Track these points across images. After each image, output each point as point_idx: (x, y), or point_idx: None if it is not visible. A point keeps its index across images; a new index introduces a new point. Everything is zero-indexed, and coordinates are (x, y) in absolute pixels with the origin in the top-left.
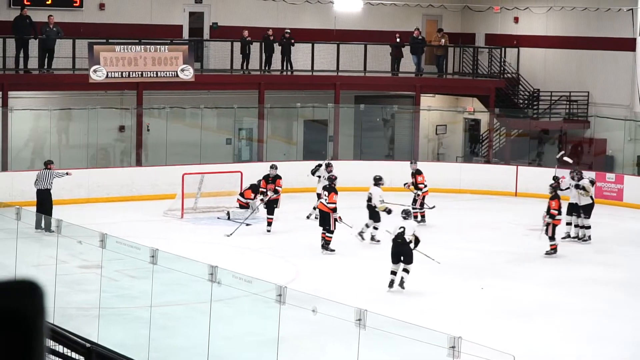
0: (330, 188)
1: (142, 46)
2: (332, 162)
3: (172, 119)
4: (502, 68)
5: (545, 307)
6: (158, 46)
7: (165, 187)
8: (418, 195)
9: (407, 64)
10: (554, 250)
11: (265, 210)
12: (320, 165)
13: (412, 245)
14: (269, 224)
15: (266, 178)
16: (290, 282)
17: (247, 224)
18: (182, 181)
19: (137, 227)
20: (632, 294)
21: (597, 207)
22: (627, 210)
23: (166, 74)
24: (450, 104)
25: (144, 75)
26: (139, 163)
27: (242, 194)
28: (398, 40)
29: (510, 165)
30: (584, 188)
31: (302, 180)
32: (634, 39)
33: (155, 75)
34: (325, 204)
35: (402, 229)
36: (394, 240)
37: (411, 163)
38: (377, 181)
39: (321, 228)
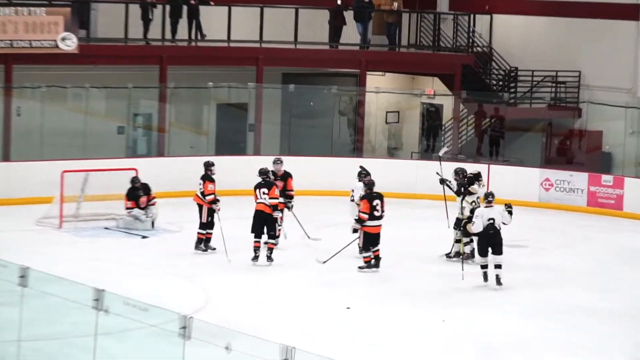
0: (205, 176)
1: (13, 8)
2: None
3: (50, 101)
4: (470, 40)
5: (522, 343)
6: (33, 8)
7: (39, 188)
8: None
9: (350, 33)
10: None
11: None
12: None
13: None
14: (270, 249)
15: (265, 178)
16: (198, 311)
17: (144, 237)
18: (61, 180)
19: (3, 239)
20: (629, 326)
21: (589, 217)
22: (628, 222)
23: (43, 44)
24: (405, 85)
25: (14, 45)
26: (5, 157)
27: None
28: (339, 3)
29: (481, 163)
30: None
31: (218, 180)
32: (638, 5)
33: (28, 46)
34: (268, 202)
35: (491, 220)
36: (485, 233)
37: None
38: (362, 176)
39: (253, 235)
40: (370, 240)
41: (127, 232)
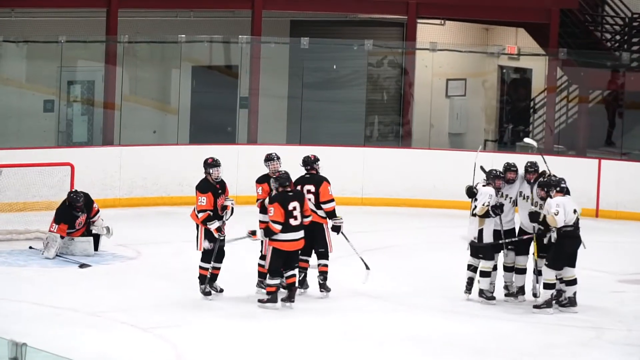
0: (200, 183)
1: None
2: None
3: None
4: None
5: None
6: None
7: None
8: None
9: None
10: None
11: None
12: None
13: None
14: (323, 274)
15: (311, 170)
16: None
17: (82, 265)
18: None
19: None
20: None
21: None
22: None
23: None
24: (475, 40)
25: None
26: None
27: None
28: None
29: (588, 157)
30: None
31: (190, 182)
32: None
33: None
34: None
35: (576, 214)
36: (571, 233)
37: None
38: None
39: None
40: (281, 261)
41: (60, 257)
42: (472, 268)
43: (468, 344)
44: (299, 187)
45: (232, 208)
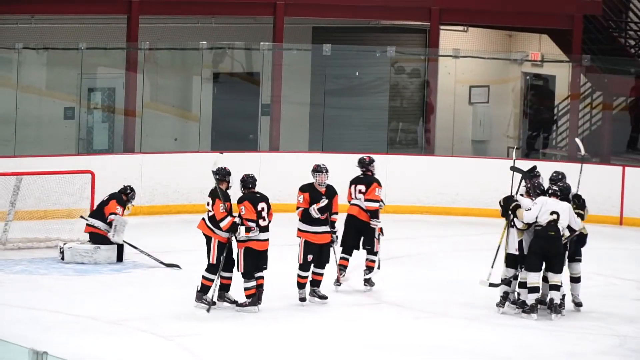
0: (214, 192)
1: None
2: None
3: None
4: None
5: None
6: None
7: None
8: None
9: None
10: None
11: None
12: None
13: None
14: (370, 269)
15: (366, 171)
16: None
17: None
18: None
19: None
20: None
21: None
22: None
23: None
24: (497, 46)
25: None
26: None
27: (97, 212)
28: None
29: (612, 165)
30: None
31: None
32: None
33: None
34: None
35: (554, 216)
36: (542, 234)
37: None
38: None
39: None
40: (255, 262)
41: (80, 262)
42: (507, 281)
43: (491, 353)
44: (352, 186)
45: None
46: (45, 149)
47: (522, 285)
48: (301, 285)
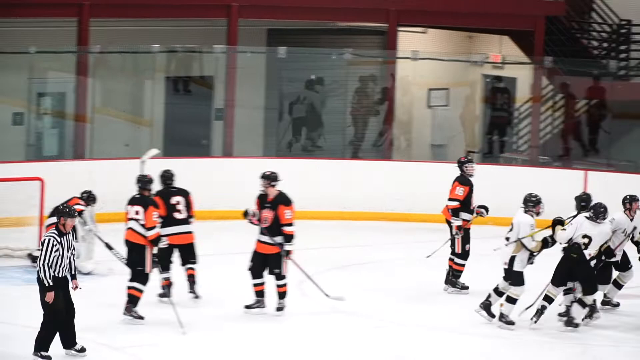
0: (144, 199)
1: None
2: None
3: None
4: None
5: None
6: None
7: None
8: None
9: None
10: None
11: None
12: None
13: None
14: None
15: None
16: None
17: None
18: None
19: None
20: None
21: None
22: None
23: None
24: (458, 48)
25: None
26: None
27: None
28: None
29: (574, 169)
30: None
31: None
32: None
33: None
34: None
35: (585, 240)
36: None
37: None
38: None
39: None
40: (169, 254)
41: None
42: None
43: None
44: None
45: None
46: None
47: (511, 300)
48: (257, 294)
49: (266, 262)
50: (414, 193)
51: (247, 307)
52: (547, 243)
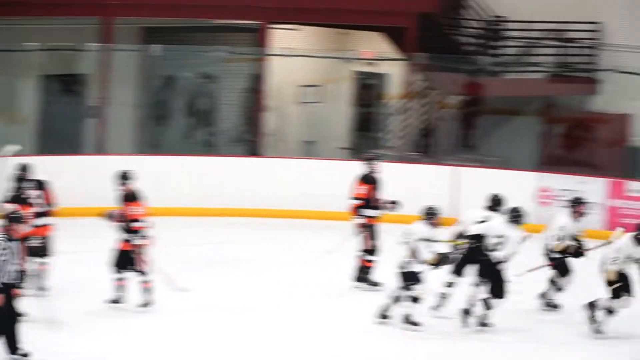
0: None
1: None
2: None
3: None
4: None
5: None
6: None
7: None
8: None
9: None
10: None
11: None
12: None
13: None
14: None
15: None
16: None
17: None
18: None
19: None
20: None
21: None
22: None
23: None
24: (333, 45)
25: None
26: None
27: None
28: None
29: (445, 165)
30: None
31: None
32: None
33: None
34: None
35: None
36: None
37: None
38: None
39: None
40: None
41: None
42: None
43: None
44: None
45: None
46: None
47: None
48: (117, 289)
49: (127, 258)
50: (283, 189)
51: (112, 302)
52: (445, 260)
